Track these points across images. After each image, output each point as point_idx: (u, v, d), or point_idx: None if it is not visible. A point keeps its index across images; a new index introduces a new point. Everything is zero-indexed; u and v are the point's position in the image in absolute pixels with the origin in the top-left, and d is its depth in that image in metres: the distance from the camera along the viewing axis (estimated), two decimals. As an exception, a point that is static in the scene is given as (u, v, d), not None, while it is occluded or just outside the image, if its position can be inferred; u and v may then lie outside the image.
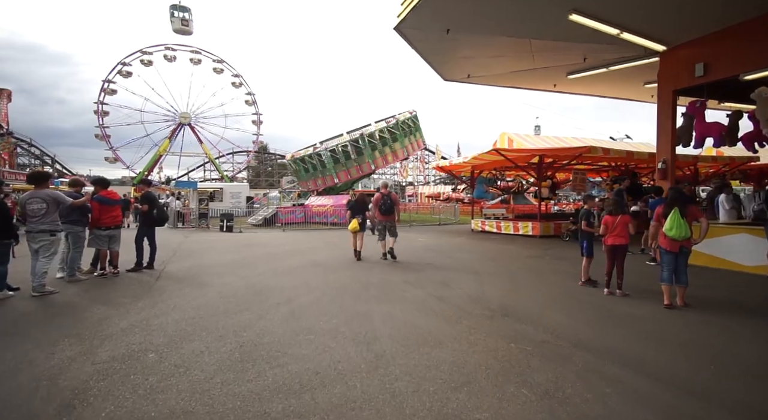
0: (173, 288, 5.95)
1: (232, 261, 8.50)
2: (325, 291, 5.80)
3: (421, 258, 8.95)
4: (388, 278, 6.73)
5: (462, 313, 4.73)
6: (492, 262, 8.39)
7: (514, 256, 9.45)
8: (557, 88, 11.94)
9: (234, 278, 6.68)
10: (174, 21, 22.98)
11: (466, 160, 14.77)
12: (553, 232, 14.05)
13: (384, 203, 8.29)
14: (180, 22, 23.24)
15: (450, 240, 13.22)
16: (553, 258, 9.06)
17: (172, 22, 23.00)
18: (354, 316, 4.60)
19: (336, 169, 22.45)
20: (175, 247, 11.04)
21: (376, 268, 7.77)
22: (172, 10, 22.91)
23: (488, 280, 6.59)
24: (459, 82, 11.59)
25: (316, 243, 12.01)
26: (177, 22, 23.06)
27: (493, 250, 10.39)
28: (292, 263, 8.19)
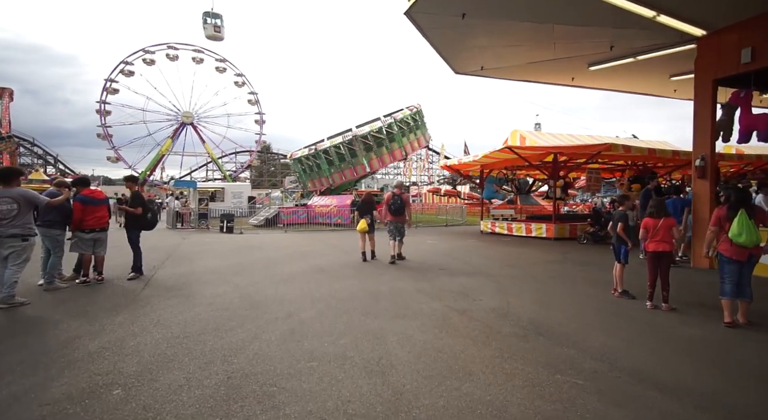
0: (160, 299, 5.32)
1: (228, 266, 7.87)
2: (329, 303, 5.14)
3: (432, 263, 8.28)
4: (399, 287, 6.07)
5: (489, 332, 4.06)
6: (511, 268, 7.71)
7: (533, 260, 8.76)
8: (574, 81, 11.25)
9: (229, 287, 6.04)
10: (207, 28, 22.80)
11: (476, 158, 14.09)
12: (569, 234, 13.34)
13: (394, 203, 8.08)
14: (212, 28, 23.09)
15: (460, 242, 12.54)
16: (575, 263, 8.37)
17: (204, 28, 22.78)
18: (364, 335, 3.94)
19: (330, 171, 21.87)
20: (171, 250, 10.43)
21: (385, 274, 7.11)
22: (204, 17, 22.75)
23: (511, 290, 5.91)
24: (471, 75, 10.92)
25: (319, 245, 11.37)
26: (210, 28, 22.89)
27: (509, 254, 9.71)
28: (293, 269, 7.55)
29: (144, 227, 6.98)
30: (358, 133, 21.24)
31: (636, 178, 15.12)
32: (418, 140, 23.41)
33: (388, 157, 22.35)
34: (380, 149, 21.69)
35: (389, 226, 8.37)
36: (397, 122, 21.52)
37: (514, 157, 14.34)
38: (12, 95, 46.28)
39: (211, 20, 23.09)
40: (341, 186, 22.62)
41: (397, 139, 21.74)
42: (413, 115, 22.30)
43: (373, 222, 8.47)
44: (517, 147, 12.65)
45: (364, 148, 21.16)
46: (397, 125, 21.58)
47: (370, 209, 8.53)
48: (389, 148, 21.81)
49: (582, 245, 11.42)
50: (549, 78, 11.34)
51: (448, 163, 15.93)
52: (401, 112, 22.48)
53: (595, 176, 16.75)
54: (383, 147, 21.66)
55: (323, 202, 20.44)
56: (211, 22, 23.07)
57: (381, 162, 22.37)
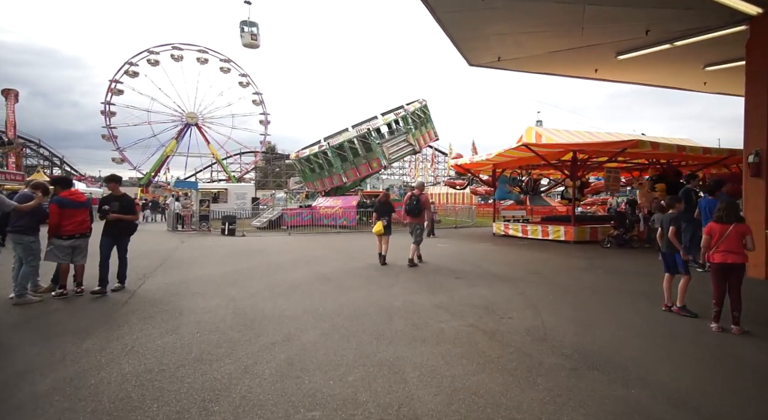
0: (141, 316, 4.64)
1: (224, 274, 7.19)
2: (335, 322, 4.43)
3: (447, 270, 7.55)
4: (414, 300, 5.35)
5: (530, 363, 3.33)
6: (535, 277, 6.95)
7: (557, 267, 7.99)
8: (597, 74, 10.46)
9: (221, 300, 5.35)
10: (244, 36, 22.93)
11: (489, 157, 13.32)
12: (589, 237, 12.53)
13: (409, 203, 7.81)
14: (249, 36, 23.20)
15: (474, 246, 11.79)
16: (606, 271, 7.58)
17: (242, 37, 22.91)
18: (378, 368, 3.23)
19: (344, 168, 21.14)
20: (166, 254, 9.80)
21: (396, 283, 6.39)
22: (242, 25, 22.95)
23: (542, 304, 5.16)
24: (486, 67, 10.18)
25: (324, 250, 10.68)
26: (247, 36, 23.03)
27: (529, 260, 8.94)
28: (295, 277, 6.85)
29: (130, 233, 6.30)
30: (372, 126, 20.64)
31: (659, 177, 14.28)
32: (429, 133, 22.83)
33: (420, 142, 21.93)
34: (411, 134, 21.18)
35: (409, 228, 8.14)
36: (409, 115, 20.94)
37: (529, 156, 13.54)
38: (17, 96, 46.31)
39: (248, 29, 23.33)
40: (352, 184, 21.94)
41: (411, 132, 21.18)
42: (422, 109, 21.64)
43: (389, 224, 8.07)
44: (534, 144, 11.86)
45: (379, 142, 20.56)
46: (409, 118, 21.01)
47: (387, 210, 8.17)
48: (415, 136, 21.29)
49: (606, 250, 10.62)
50: (570, 70, 10.57)
51: (459, 162, 15.20)
52: (412, 104, 21.83)
53: (614, 175, 15.87)
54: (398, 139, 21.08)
55: (328, 203, 19.77)
56: (248, 30, 23.40)
57: None
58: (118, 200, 6.02)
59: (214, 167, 58.82)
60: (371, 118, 23.23)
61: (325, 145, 21.27)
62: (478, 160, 13.98)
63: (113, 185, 6.28)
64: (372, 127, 20.71)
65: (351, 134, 20.86)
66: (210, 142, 55.59)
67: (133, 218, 6.28)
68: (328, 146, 21.08)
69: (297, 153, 23.89)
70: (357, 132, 20.78)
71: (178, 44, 54.45)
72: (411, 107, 21.44)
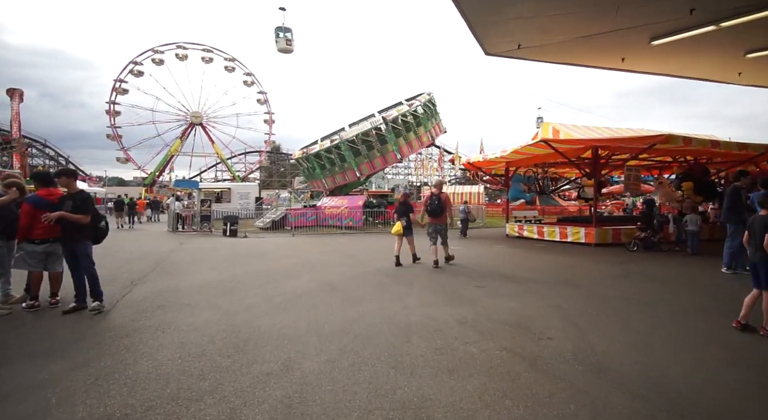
0: (117, 335, 3.98)
1: (220, 282, 6.53)
2: (343, 344, 3.73)
3: (465, 276, 6.83)
4: (433, 315, 4.64)
5: (593, 406, 2.61)
6: (566, 286, 6.20)
7: (588, 273, 7.23)
8: (624, 63, 9.67)
9: (213, 314, 4.68)
10: (279, 41, 23.30)
11: (504, 154, 12.56)
12: (611, 239, 11.73)
13: (431, 203, 7.61)
14: (285, 41, 23.47)
15: (489, 249, 11.04)
16: (644, 279, 6.81)
17: (277, 42, 23.31)
18: (399, 412, 2.53)
19: (357, 162, 20.42)
20: (162, 258, 9.18)
21: (411, 293, 5.68)
22: (277, 31, 23.41)
23: (583, 321, 4.43)
24: (503, 56, 9.44)
25: (329, 253, 10.00)
26: (282, 42, 23.39)
27: (554, 265, 8.19)
28: (298, 286, 6.17)
29: (95, 239, 5.11)
30: (388, 117, 20.01)
31: (685, 175, 13.44)
32: (438, 126, 22.20)
33: (417, 143, 21.26)
34: (408, 135, 20.51)
35: (428, 228, 7.89)
36: (422, 105, 20.44)
37: (546, 153, 12.80)
38: (22, 96, 46.19)
39: (283, 34, 23.78)
40: (356, 183, 21.27)
41: (423, 122, 20.54)
42: (430, 101, 20.94)
43: (410, 224, 7.94)
44: (554, 140, 11.10)
45: (394, 134, 19.91)
46: (422, 109, 20.49)
47: (406, 211, 8.02)
48: (417, 133, 20.70)
49: (634, 253, 9.82)
50: (593, 59, 9.79)
51: (472, 159, 14.45)
52: (420, 96, 21.19)
53: (635, 174, 15.05)
54: (411, 132, 20.49)
55: (333, 203, 19.11)
56: (282, 36, 23.86)
57: (410, 148, 21.25)
58: (72, 198, 4.83)
59: (219, 167, 58.52)
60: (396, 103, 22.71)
61: (337, 138, 20.68)
62: (492, 157, 13.22)
63: (64, 180, 4.99)
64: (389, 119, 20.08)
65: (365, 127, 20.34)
66: (214, 142, 55.29)
67: (80, 219, 4.74)
68: (341, 140, 20.46)
69: (303, 150, 23.25)
70: (371, 125, 20.21)
71: (182, 43, 54.24)
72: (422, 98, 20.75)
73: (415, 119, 20.41)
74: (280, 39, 24.78)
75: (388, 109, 22.47)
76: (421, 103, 20.43)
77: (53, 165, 57.51)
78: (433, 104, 21.65)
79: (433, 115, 21.58)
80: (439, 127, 22.27)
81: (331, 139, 21.17)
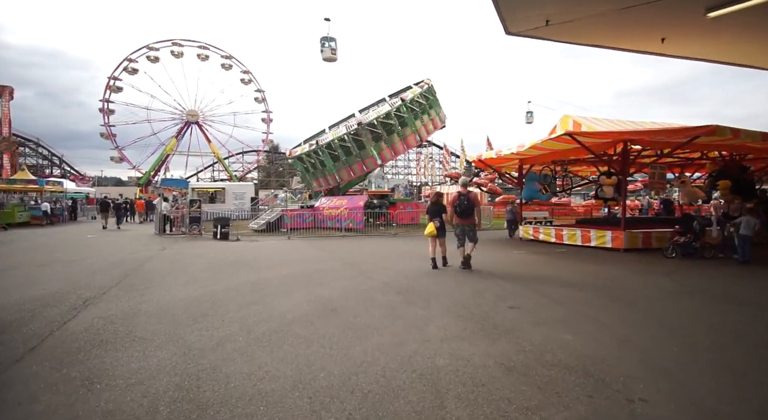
0: (21, 394, 2.78)
1: (193, 301, 5.32)
2: (347, 413, 2.54)
3: (491, 292, 5.63)
4: (467, 355, 3.44)
5: None
6: (623, 307, 5.01)
7: (636, 288, 6.05)
8: (664, 45, 8.48)
9: (169, 354, 3.48)
10: (324, 51, 23.33)
11: (522, 149, 11.36)
12: (642, 244, 10.56)
13: (460, 204, 7.36)
14: (330, 51, 23.18)
15: (504, 254, 9.86)
16: (709, 297, 5.62)
17: (322, 52, 23.36)
18: None
19: (336, 168, 19.29)
20: (135, 266, 7.98)
21: (431, 317, 4.49)
22: (323, 41, 23.44)
23: (673, 364, 3.24)
24: (526, 35, 8.24)
25: (328, 260, 8.80)
26: (327, 51, 23.38)
27: (589, 275, 7.00)
28: (288, 307, 4.97)
29: None
30: (363, 121, 18.61)
31: (721, 173, 12.28)
32: (433, 121, 20.43)
33: (401, 146, 19.59)
34: (391, 137, 18.89)
35: (456, 229, 7.62)
36: (407, 103, 18.64)
37: (567, 148, 11.64)
38: (12, 93, 44.78)
39: (328, 44, 23.83)
40: (350, 183, 20.06)
41: (409, 123, 18.92)
42: (424, 93, 19.31)
43: (443, 225, 7.71)
44: (580, 133, 9.92)
45: (372, 138, 18.49)
46: (407, 107, 18.70)
47: (439, 211, 7.77)
48: (401, 135, 19.02)
49: (673, 261, 8.64)
50: (630, 40, 8.59)
51: (484, 156, 13.28)
52: (410, 90, 19.68)
53: (660, 172, 13.91)
54: (394, 134, 18.88)
55: (332, 203, 17.90)
56: (327, 45, 23.90)
57: (393, 151, 19.64)
58: None
59: (216, 167, 57.25)
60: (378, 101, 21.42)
61: (326, 139, 19.44)
62: (507, 153, 12.03)
63: None
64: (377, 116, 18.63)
65: (353, 124, 18.93)
66: (211, 141, 54.05)
67: None
68: (318, 145, 19.29)
69: (290, 151, 22.20)
70: (360, 122, 18.80)
71: (178, 40, 52.98)
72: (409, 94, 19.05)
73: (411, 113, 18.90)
74: (325, 49, 24.63)
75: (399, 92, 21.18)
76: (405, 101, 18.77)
77: (47, 164, 56.36)
78: (431, 94, 20.11)
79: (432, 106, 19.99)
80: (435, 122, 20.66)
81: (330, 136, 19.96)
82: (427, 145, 53.77)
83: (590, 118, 11.97)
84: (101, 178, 71.57)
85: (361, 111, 21.48)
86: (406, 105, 18.46)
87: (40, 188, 22.76)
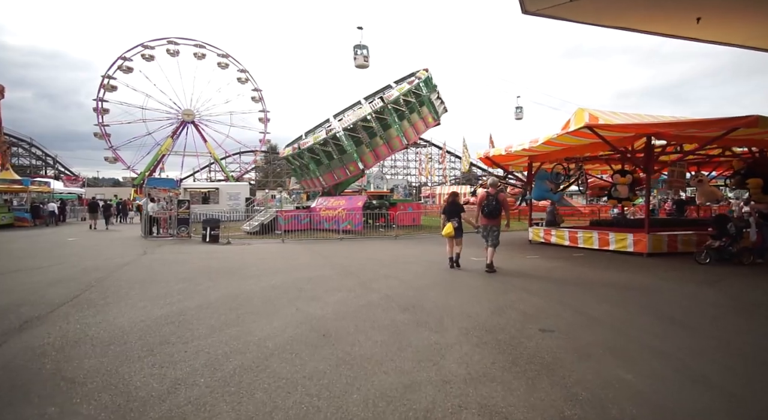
0: None
1: (155, 323, 4.39)
2: None
3: (516, 309, 4.72)
4: (503, 407, 2.54)
5: None
6: (680, 330, 4.11)
7: (680, 301, 5.15)
8: (699, 27, 7.58)
9: (97, 408, 2.56)
10: (357, 58, 23.67)
11: (534, 144, 10.44)
12: (667, 248, 9.66)
13: (488, 204, 7.24)
14: (362, 58, 23.31)
15: (522, 261, 8.95)
16: (763, 309, 4.73)
17: (355, 59, 23.61)
18: None
19: (319, 171, 18.37)
20: (107, 273, 7.06)
21: (448, 344, 3.57)
22: (355, 49, 23.70)
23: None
24: (545, 15, 7.28)
25: (323, 268, 7.89)
26: (360, 58, 23.84)
27: (622, 288, 6.09)
28: (270, 332, 4.05)
29: None
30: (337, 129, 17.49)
31: (750, 170, 11.38)
32: (424, 120, 18.93)
33: (386, 149, 18.28)
34: (374, 141, 17.63)
35: (481, 230, 7.56)
36: (388, 105, 17.25)
37: (583, 144, 10.77)
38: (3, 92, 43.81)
39: (360, 52, 23.97)
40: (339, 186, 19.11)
41: (392, 125, 17.54)
42: (413, 90, 17.88)
43: (461, 226, 7.65)
44: (601, 126, 9.03)
45: (354, 142, 17.39)
46: (390, 108, 17.32)
47: (457, 211, 7.75)
48: (385, 138, 17.72)
49: (707, 267, 7.75)
50: (661, 21, 7.68)
51: (492, 153, 12.38)
52: (396, 89, 18.37)
53: (680, 170, 13.02)
54: (377, 137, 17.61)
55: (330, 204, 16.99)
56: (360, 53, 24.09)
57: (376, 156, 18.42)
58: None
59: (213, 167, 56.26)
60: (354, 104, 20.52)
61: (307, 143, 18.47)
62: (518, 150, 11.12)
63: None
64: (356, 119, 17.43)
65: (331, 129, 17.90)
66: (207, 141, 53.11)
67: None
68: (300, 149, 18.39)
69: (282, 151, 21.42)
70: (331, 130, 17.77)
71: (173, 38, 52.08)
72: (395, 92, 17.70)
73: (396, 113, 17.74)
74: (358, 56, 24.62)
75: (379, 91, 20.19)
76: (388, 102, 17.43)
77: (40, 165, 55.31)
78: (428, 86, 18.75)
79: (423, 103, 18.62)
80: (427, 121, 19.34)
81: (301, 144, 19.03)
82: (426, 145, 52.95)
83: (607, 112, 11.07)
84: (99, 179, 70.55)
85: (335, 116, 20.44)
86: (388, 107, 17.32)
87: (24, 188, 21.84)
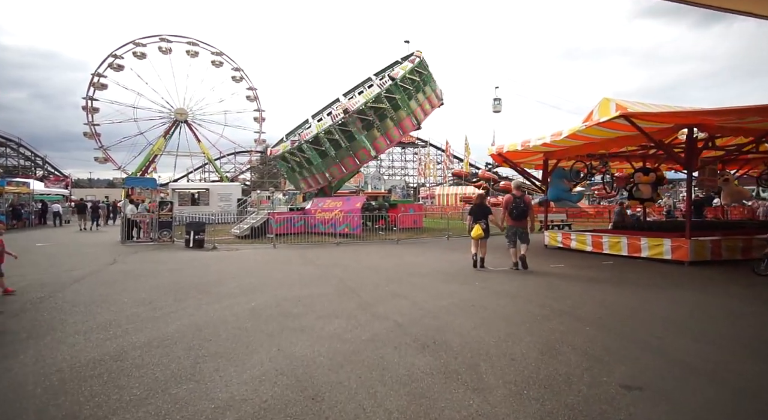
0: None
1: (79, 371, 3.13)
2: None
3: (567, 343, 3.51)
4: None
5: None
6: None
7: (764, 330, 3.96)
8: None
9: None
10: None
11: (557, 138, 9.19)
12: (710, 255, 8.49)
13: (516, 207, 7.35)
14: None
15: (545, 272, 7.72)
16: None
17: None
18: None
19: (326, 165, 16.86)
20: (53, 290, 5.77)
21: (500, 415, 2.37)
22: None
23: None
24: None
25: (317, 283, 6.63)
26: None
27: (686, 309, 4.89)
28: (232, 390, 2.80)
29: None
30: (350, 107, 16.00)
31: (795, 167, 10.27)
32: (429, 100, 17.89)
33: (397, 132, 17.01)
34: (384, 123, 16.38)
35: (507, 232, 7.72)
36: (397, 82, 16.09)
37: (610, 137, 9.56)
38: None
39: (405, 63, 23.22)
40: (342, 180, 17.84)
41: (402, 104, 16.36)
42: (416, 68, 16.74)
43: (488, 227, 7.73)
44: (640, 115, 7.84)
45: (363, 127, 16.11)
46: (398, 86, 16.15)
47: (484, 213, 7.82)
48: (396, 119, 16.53)
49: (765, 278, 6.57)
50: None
51: (505, 149, 11.18)
52: (400, 66, 16.99)
53: (711, 168, 11.93)
54: (387, 119, 16.38)
55: (326, 205, 15.72)
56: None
57: (389, 139, 17.19)
58: None
59: (207, 168, 54.84)
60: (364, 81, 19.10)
61: (298, 139, 17.05)
62: (537, 144, 9.91)
63: None
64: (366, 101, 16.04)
65: (339, 111, 16.52)
66: (201, 141, 51.71)
67: None
68: (301, 142, 16.80)
69: (271, 150, 19.93)
70: (346, 109, 16.37)
71: (166, 36, 50.72)
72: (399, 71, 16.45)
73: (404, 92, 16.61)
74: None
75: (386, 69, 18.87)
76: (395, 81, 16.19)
77: (29, 166, 53.71)
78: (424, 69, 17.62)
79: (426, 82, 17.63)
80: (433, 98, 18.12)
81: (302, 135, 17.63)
82: (425, 145, 51.77)
83: (634, 102, 9.90)
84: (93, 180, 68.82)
85: (345, 95, 18.85)
86: (397, 84, 16.07)
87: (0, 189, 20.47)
